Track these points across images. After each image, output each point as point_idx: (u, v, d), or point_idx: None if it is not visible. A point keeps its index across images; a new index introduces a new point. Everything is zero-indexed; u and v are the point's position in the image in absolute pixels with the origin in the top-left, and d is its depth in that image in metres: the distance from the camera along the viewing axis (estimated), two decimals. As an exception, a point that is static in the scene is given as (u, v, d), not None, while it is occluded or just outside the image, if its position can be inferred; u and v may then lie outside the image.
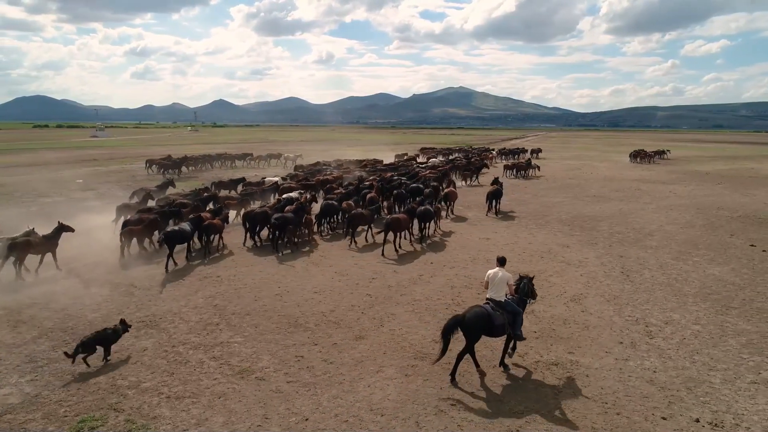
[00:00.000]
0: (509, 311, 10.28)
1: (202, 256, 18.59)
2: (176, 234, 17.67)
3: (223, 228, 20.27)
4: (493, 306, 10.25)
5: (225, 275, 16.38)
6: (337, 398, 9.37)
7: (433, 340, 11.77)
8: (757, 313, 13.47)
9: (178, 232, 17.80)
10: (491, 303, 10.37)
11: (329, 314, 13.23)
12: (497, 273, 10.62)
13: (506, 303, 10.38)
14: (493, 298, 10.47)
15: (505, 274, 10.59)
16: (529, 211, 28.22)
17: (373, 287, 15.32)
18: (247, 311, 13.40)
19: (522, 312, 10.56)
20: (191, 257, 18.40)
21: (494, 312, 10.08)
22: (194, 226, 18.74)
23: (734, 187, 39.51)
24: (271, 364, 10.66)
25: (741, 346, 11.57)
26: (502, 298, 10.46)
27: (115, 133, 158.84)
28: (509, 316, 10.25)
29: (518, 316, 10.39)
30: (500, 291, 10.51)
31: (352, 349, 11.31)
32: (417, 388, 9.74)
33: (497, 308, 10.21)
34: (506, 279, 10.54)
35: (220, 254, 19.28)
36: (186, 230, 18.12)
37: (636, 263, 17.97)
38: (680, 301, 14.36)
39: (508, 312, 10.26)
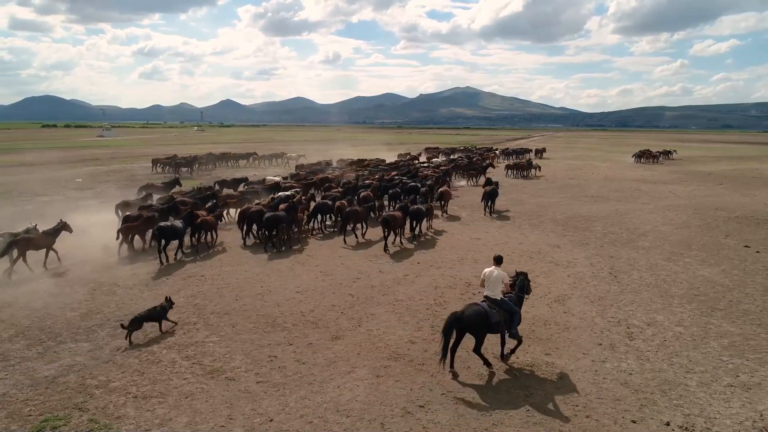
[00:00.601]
0: (506, 309, 10.41)
1: (194, 253, 18.83)
2: (168, 229, 17.88)
3: (216, 225, 20.47)
4: (490, 304, 10.37)
5: (209, 274, 16.34)
6: (304, 399, 9.27)
7: (410, 340, 11.69)
8: (743, 315, 13.26)
9: (169, 227, 18.03)
10: (488, 301, 10.47)
11: (308, 314, 13.14)
12: (493, 271, 10.71)
13: (503, 301, 10.51)
14: (490, 296, 10.58)
15: (501, 273, 10.69)
16: (524, 211, 28.03)
17: (356, 287, 15.22)
18: (226, 311, 13.34)
19: (519, 310, 10.71)
20: (182, 254, 18.62)
21: (491, 310, 10.21)
22: (187, 222, 19.03)
23: (736, 187, 39.11)
24: (243, 364, 10.58)
25: (722, 348, 11.38)
26: (498, 296, 10.57)
27: (121, 132, 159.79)
28: (506, 314, 10.35)
29: (515, 314, 10.52)
30: (496, 289, 10.60)
31: (327, 350, 11.22)
32: (387, 389, 9.63)
33: (494, 306, 10.31)
34: (501, 277, 10.65)
35: (213, 251, 19.43)
36: (178, 226, 18.35)
37: (626, 264, 17.77)
38: (666, 302, 14.17)
39: (505, 310, 10.38)
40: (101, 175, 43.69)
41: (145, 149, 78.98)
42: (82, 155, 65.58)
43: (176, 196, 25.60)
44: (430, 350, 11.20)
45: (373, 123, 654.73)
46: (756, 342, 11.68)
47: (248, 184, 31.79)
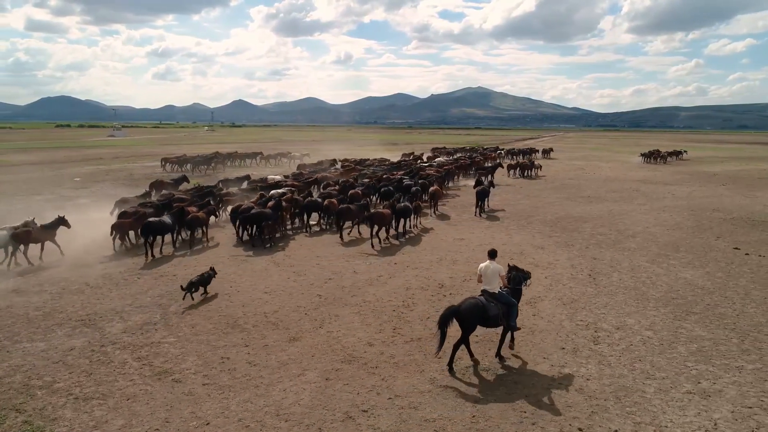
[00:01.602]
0: (504, 302, 10.46)
1: (182, 249, 19.41)
2: (155, 225, 18.17)
3: (207, 221, 20.86)
4: (488, 298, 10.40)
5: (181, 274, 16.22)
6: (247, 402, 9.08)
7: (368, 343, 11.48)
8: (717, 319, 12.86)
9: (157, 223, 18.32)
10: (485, 295, 10.51)
11: (271, 315, 12.96)
12: (489, 266, 10.72)
13: (500, 295, 10.56)
14: (487, 290, 10.61)
15: (497, 266, 10.70)
16: (516, 211, 27.66)
17: (326, 288, 15.01)
18: (189, 311, 13.21)
19: (517, 303, 10.79)
20: (173, 248, 19.44)
21: (488, 303, 10.26)
22: (177, 218, 19.50)
23: (738, 188, 38.38)
24: (194, 365, 10.42)
25: (689, 353, 11.01)
26: (496, 289, 10.61)
27: (133, 132, 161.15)
28: (504, 307, 10.40)
29: (513, 307, 10.58)
30: (493, 283, 10.65)
31: (282, 351, 11.02)
32: (334, 393, 9.41)
33: (491, 300, 10.35)
34: (498, 271, 10.69)
35: (195, 249, 19.60)
36: (167, 222, 18.68)
37: (607, 266, 17.39)
38: (640, 305, 13.80)
39: (503, 303, 10.43)
40: (100, 174, 43.93)
41: (151, 149, 79.50)
42: (87, 155, 66.12)
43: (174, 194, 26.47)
44: (386, 353, 10.98)
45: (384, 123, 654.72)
46: (726, 347, 11.29)
47: (250, 183, 32.06)
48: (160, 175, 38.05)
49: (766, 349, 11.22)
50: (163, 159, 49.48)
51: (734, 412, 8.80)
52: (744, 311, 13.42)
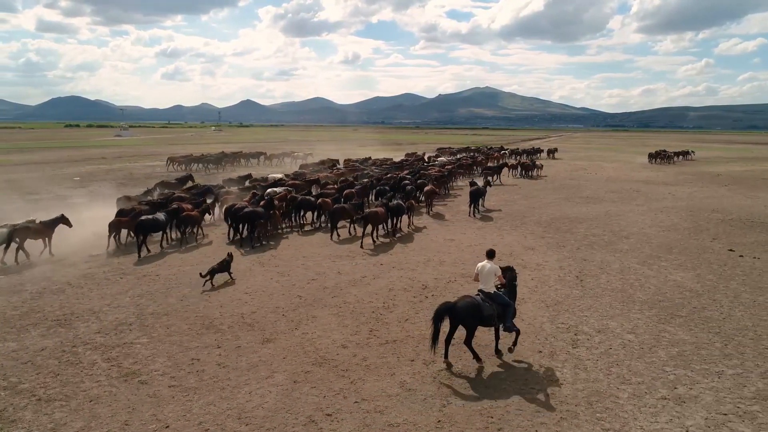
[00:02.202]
0: (499, 303, 10.46)
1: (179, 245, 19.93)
2: (148, 222, 18.41)
3: (200, 220, 21.21)
4: (483, 297, 10.40)
5: (165, 273, 16.14)
6: (210, 405, 8.94)
7: (342, 345, 11.32)
8: (703, 322, 12.58)
9: (150, 220, 18.57)
10: (481, 294, 10.51)
11: (248, 316, 12.82)
12: (485, 265, 10.75)
13: (496, 295, 10.57)
14: (483, 289, 10.62)
15: (493, 266, 10.73)
16: (511, 212, 27.40)
17: (308, 288, 14.86)
18: (167, 311, 13.09)
19: (513, 304, 10.76)
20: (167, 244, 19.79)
21: (484, 303, 10.26)
22: (171, 216, 19.95)
23: (741, 189, 37.87)
24: (163, 366, 10.29)
25: (669, 357, 10.75)
26: (492, 289, 10.62)
27: (140, 132, 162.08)
28: (499, 307, 10.39)
29: (509, 307, 10.57)
30: (489, 282, 10.66)
31: (253, 353, 10.88)
32: (300, 396, 9.25)
33: (487, 299, 10.36)
34: (494, 271, 10.70)
35: (198, 244, 20.20)
36: (160, 219, 18.99)
37: (596, 267, 17.12)
38: (625, 307, 13.54)
39: (499, 303, 10.43)
40: (100, 173, 44.07)
41: (155, 149, 79.84)
42: (91, 154, 66.45)
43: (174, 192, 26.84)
44: (359, 355, 10.81)
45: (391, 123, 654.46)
46: (707, 352, 11.02)
47: (252, 181, 32.43)
48: (165, 175, 38.17)
49: (748, 354, 10.95)
50: (169, 158, 50.00)
51: (708, 419, 8.55)
52: (731, 314, 13.13)
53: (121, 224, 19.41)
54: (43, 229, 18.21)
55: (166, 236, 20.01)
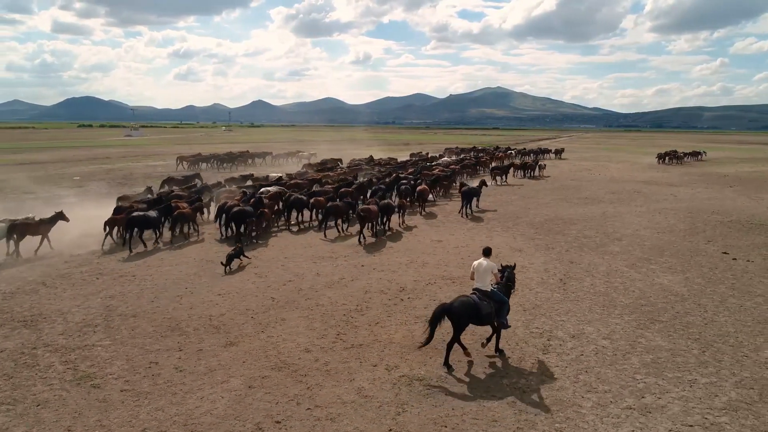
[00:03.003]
0: (496, 300, 10.43)
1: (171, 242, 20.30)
2: (139, 219, 18.75)
3: (193, 217, 21.43)
4: (480, 296, 10.32)
5: (141, 274, 15.98)
6: (159, 410, 8.71)
7: (306, 349, 11.05)
8: (683, 328, 12.16)
9: (141, 217, 18.91)
10: (478, 293, 10.43)
11: (216, 318, 12.60)
12: (482, 263, 10.69)
13: (493, 293, 10.52)
14: (480, 288, 10.54)
15: (490, 264, 10.69)
16: (505, 212, 27.00)
17: (283, 290, 14.61)
18: (135, 312, 12.90)
19: (508, 301, 10.79)
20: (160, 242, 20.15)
21: (481, 301, 10.19)
22: (164, 213, 20.49)
23: (746, 190, 37.11)
24: (119, 370, 10.09)
25: (642, 365, 10.36)
26: (488, 287, 10.56)
27: (151, 132, 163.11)
28: (496, 305, 10.35)
29: (504, 305, 10.59)
30: (485, 280, 10.59)
31: (213, 357, 10.64)
32: (252, 402, 8.99)
33: (484, 298, 10.28)
34: (491, 269, 10.66)
35: (189, 241, 20.49)
36: (151, 216, 19.38)
37: (582, 270, 16.71)
38: (605, 312, 13.14)
39: (495, 301, 10.40)
40: (101, 173, 44.22)
41: (162, 148, 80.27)
42: (97, 154, 66.90)
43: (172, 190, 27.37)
44: (321, 360, 10.54)
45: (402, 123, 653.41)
46: (683, 359, 10.61)
47: (254, 180, 32.73)
48: (169, 173, 38.28)
49: (726, 361, 10.53)
50: (178, 157, 50.33)
51: (672, 431, 8.17)
52: (714, 320, 12.69)
53: (116, 222, 19.68)
54: (41, 225, 18.56)
55: (160, 233, 20.54)
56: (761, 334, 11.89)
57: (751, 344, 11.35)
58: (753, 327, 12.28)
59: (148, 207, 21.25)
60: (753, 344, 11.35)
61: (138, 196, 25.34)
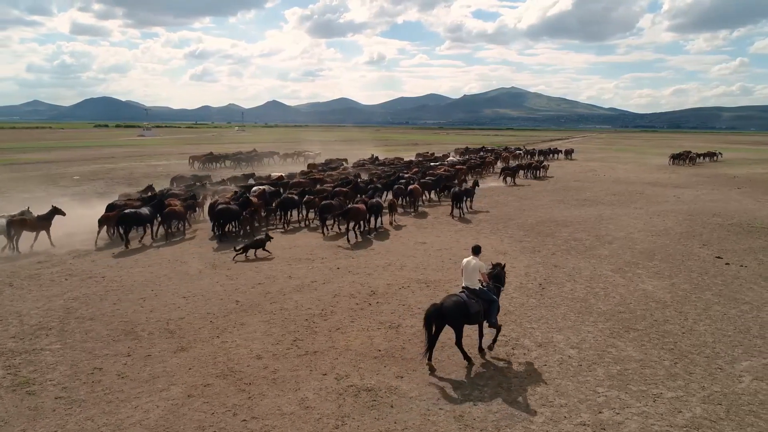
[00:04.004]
0: (485, 299, 10.29)
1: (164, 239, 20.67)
2: (130, 216, 19.05)
3: (185, 215, 21.79)
4: (469, 294, 10.17)
5: (111, 275, 15.71)
6: (89, 420, 8.36)
7: (258, 355, 10.65)
8: (659, 337, 11.56)
9: (132, 214, 19.20)
10: (466, 291, 10.29)
11: (175, 322, 12.25)
12: (470, 262, 10.57)
13: (481, 291, 10.39)
14: (468, 286, 10.43)
15: (478, 263, 10.55)
16: (498, 214, 26.40)
17: (250, 293, 14.23)
18: (93, 315, 12.60)
19: (497, 300, 10.66)
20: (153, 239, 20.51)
21: (469, 300, 10.06)
22: (156, 211, 20.63)
23: (754, 192, 36.05)
24: (60, 376, 9.76)
25: (607, 377, 9.79)
26: (476, 285, 10.44)
27: (165, 132, 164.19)
28: (485, 303, 10.22)
29: (494, 303, 10.46)
30: (473, 279, 10.46)
31: (160, 363, 10.28)
32: (186, 412, 8.61)
33: (472, 296, 10.16)
34: (478, 267, 10.52)
35: (181, 239, 20.90)
36: (143, 214, 19.67)
37: (565, 275, 16.12)
38: (580, 319, 12.57)
39: (484, 300, 10.27)
40: (102, 172, 44.31)
41: (170, 148, 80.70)
42: (104, 153, 67.29)
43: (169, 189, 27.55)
44: (271, 367, 10.13)
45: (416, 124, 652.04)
46: (652, 371, 10.03)
47: (256, 180, 32.53)
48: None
49: (697, 374, 9.92)
50: (191, 157, 50.92)
51: (623, 451, 7.63)
52: (693, 329, 12.06)
53: (109, 219, 19.87)
54: (38, 222, 18.89)
55: (152, 230, 20.79)
56: (740, 344, 11.25)
57: (727, 356, 10.72)
58: (733, 337, 11.64)
59: (142, 204, 21.49)
60: (730, 356, 10.72)
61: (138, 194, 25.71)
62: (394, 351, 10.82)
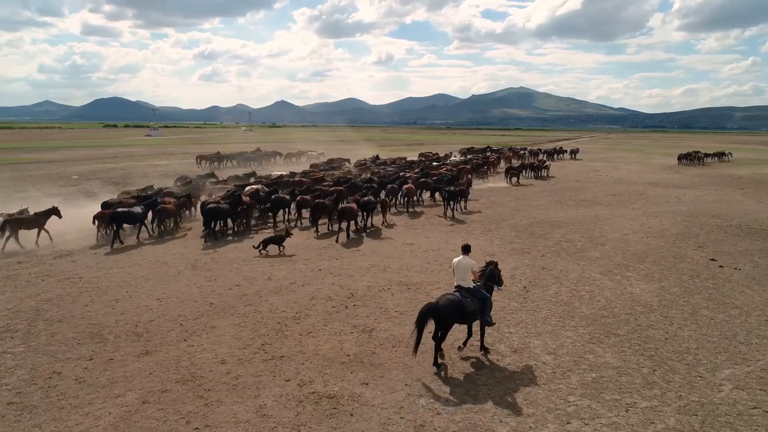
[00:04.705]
0: (479, 297, 10.25)
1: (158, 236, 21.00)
2: (122, 215, 19.25)
3: (176, 213, 22.00)
4: (463, 293, 10.14)
5: (89, 276, 15.49)
6: (36, 427, 8.10)
7: (222, 360, 10.35)
8: (640, 343, 11.14)
9: (124, 212, 19.42)
10: (460, 290, 10.25)
11: (144, 324, 11.99)
12: (461, 260, 10.54)
13: (475, 289, 10.37)
14: (462, 285, 10.40)
15: (469, 261, 10.53)
16: (493, 214, 25.99)
17: (226, 295, 13.95)
18: (63, 317, 12.37)
19: (490, 298, 10.61)
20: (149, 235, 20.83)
21: (465, 299, 10.01)
22: (148, 209, 20.83)
23: (757, 192, 35.38)
24: (18, 380, 9.52)
25: (580, 385, 9.41)
26: (470, 284, 10.41)
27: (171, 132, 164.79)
28: (479, 302, 10.17)
29: (487, 301, 10.42)
30: (466, 277, 10.44)
31: (122, 367, 10.01)
32: (139, 419, 8.32)
33: (467, 295, 10.12)
34: (470, 266, 10.51)
35: (167, 238, 20.81)
36: (135, 212, 19.82)
37: (552, 277, 15.71)
38: (560, 323, 12.18)
39: (478, 298, 10.22)
40: (102, 171, 44.32)
41: (173, 148, 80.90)
42: (106, 153, 67.45)
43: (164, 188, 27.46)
44: (233, 372, 9.83)
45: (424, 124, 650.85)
46: (628, 379, 9.63)
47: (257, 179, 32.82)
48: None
49: (675, 382, 9.51)
50: (198, 156, 51.21)
51: (587, 465, 7.25)
52: (677, 335, 11.64)
53: (104, 216, 19.92)
54: (35, 219, 19.14)
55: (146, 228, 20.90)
56: (725, 351, 10.82)
57: (710, 363, 10.29)
58: (718, 343, 11.20)
59: (136, 203, 21.60)
60: (712, 363, 10.29)
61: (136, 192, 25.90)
62: (364, 356, 10.48)
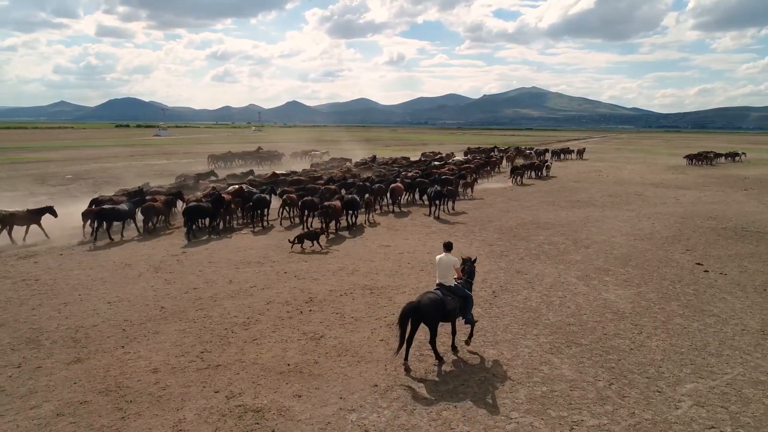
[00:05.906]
0: (460, 295, 10.17)
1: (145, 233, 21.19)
2: (108, 212, 19.45)
3: (164, 210, 22.15)
4: (444, 291, 10.05)
5: (46, 278, 15.09)
6: (-64, 441, 7.64)
7: (155, 369, 9.83)
8: (602, 354, 10.46)
9: (110, 210, 19.63)
10: (441, 288, 10.16)
11: (86, 329, 11.52)
12: (443, 258, 10.43)
13: (456, 287, 10.27)
14: (443, 283, 10.30)
15: (451, 259, 10.43)
16: (479, 216, 25.32)
17: (179, 299, 13.46)
18: (4, 322, 11.94)
19: (471, 295, 10.53)
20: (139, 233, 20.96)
21: (445, 297, 9.90)
22: (135, 206, 21.11)
23: (760, 194, 34.30)
24: (-65, 389, 9.08)
25: (527, 400, 8.76)
26: (451, 282, 10.31)
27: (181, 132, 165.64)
28: (460, 300, 10.10)
29: (468, 299, 10.36)
30: (448, 275, 10.34)
31: (48, 376, 9.53)
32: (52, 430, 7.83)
33: (447, 293, 10.02)
34: (452, 263, 10.42)
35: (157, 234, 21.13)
36: (121, 210, 19.99)
37: (525, 281, 15.04)
38: (522, 332, 11.53)
39: (459, 296, 10.14)
40: (96, 171, 44.26)
41: (177, 147, 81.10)
42: (108, 153, 67.57)
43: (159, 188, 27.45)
44: (163, 382, 9.31)
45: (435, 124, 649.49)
46: (581, 393, 8.96)
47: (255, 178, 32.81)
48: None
49: (631, 398, 8.83)
50: (210, 156, 51.54)
51: (513, 491, 6.62)
52: (644, 345, 10.94)
53: (89, 214, 19.96)
54: (29, 216, 19.52)
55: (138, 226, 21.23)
56: (691, 363, 10.11)
57: (672, 376, 9.60)
58: (686, 354, 10.49)
59: (127, 200, 21.89)
60: (675, 376, 9.59)
61: None
62: (304, 366, 9.92)
